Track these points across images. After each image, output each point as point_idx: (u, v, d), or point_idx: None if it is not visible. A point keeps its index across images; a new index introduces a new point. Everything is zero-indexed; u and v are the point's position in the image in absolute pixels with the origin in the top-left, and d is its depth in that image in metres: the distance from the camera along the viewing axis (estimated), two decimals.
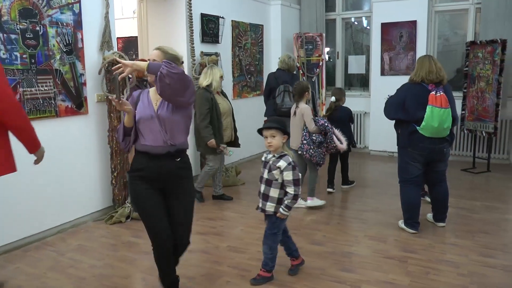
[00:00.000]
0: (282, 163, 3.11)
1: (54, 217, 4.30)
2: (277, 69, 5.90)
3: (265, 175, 3.20)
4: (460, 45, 7.56)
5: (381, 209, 4.97)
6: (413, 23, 7.36)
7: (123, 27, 8.15)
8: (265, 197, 3.20)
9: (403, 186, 4.32)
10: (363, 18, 8.67)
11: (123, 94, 4.61)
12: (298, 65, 7.53)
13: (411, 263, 3.61)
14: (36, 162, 3.13)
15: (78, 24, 4.39)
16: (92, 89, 4.58)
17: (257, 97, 7.51)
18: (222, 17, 6.52)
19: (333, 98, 5.60)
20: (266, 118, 5.71)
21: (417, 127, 4.02)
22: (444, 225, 4.40)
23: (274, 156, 3.18)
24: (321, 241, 4.11)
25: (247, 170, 6.75)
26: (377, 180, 6.28)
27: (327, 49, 8.51)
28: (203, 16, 6.17)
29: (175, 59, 2.73)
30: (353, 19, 8.74)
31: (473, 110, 6.72)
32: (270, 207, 3.19)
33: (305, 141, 4.80)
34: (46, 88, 4.11)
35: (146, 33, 6.20)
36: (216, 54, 6.29)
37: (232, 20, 6.84)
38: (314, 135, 4.79)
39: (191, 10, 5.88)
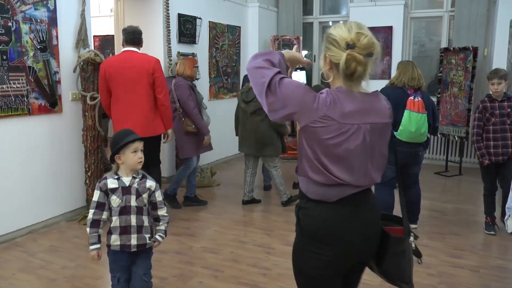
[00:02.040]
0: (151, 183, 2.61)
1: (25, 217, 4.22)
2: None
3: (134, 203, 2.54)
4: (436, 51, 7.70)
5: None
6: (389, 29, 7.48)
7: (100, 25, 8.08)
8: (140, 229, 2.57)
9: (378, 188, 4.37)
10: (341, 22, 8.74)
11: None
12: None
13: None
14: (166, 140, 4.55)
15: (52, 21, 4.32)
16: (67, 87, 4.52)
17: (234, 98, 7.50)
18: (199, 18, 6.50)
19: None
20: None
21: (394, 133, 4.08)
22: (416, 226, 4.47)
23: (134, 177, 2.57)
24: None
25: (222, 171, 6.74)
26: None
27: (304, 52, 8.57)
28: (180, 16, 6.14)
29: (329, 43, 1.88)
30: (330, 23, 8.83)
31: (447, 115, 6.86)
32: (148, 239, 2.61)
33: None
34: (18, 86, 4.03)
35: None
36: (193, 55, 6.28)
37: (209, 21, 6.83)
38: None
39: (168, 10, 5.86)
